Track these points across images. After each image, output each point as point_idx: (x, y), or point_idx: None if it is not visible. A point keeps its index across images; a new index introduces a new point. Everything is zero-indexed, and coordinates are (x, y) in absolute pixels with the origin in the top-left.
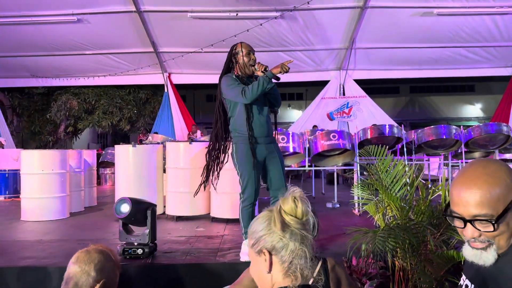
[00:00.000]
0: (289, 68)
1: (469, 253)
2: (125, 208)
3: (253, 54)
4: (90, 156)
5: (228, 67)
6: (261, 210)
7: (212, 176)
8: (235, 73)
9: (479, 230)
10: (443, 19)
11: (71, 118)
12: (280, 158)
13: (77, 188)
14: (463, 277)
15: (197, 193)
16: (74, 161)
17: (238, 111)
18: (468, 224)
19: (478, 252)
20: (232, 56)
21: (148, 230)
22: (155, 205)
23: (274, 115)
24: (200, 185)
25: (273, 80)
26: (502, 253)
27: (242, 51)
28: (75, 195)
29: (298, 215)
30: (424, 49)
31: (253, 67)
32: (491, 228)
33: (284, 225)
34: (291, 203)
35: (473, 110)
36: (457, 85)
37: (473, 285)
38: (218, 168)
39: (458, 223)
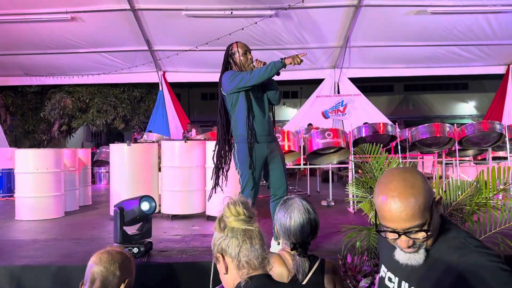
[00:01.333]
0: (301, 61)
1: (402, 257)
2: (146, 206)
3: (250, 53)
4: (84, 155)
5: (226, 68)
6: (258, 209)
7: (222, 177)
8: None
9: (413, 238)
10: (437, 18)
11: (65, 117)
12: (281, 157)
13: (72, 187)
14: (384, 268)
15: (210, 197)
16: (69, 160)
17: (238, 109)
18: (402, 235)
19: (412, 256)
20: (229, 56)
21: (150, 227)
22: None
23: (273, 113)
24: (212, 188)
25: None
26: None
27: (238, 51)
28: (70, 194)
29: (234, 214)
30: (418, 47)
31: (252, 65)
32: (424, 235)
33: (225, 226)
34: (227, 208)
35: (467, 108)
36: (450, 83)
37: (397, 278)
38: (226, 169)
39: (391, 236)
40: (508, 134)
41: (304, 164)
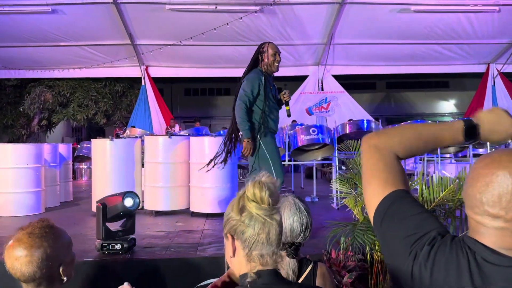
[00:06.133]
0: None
1: None
2: (129, 202)
3: (279, 55)
4: (65, 150)
5: (255, 62)
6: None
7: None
8: (262, 68)
9: None
10: (419, 16)
11: (45, 111)
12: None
13: (53, 182)
14: None
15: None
16: (49, 155)
17: (257, 105)
18: None
19: None
20: (259, 53)
21: (133, 223)
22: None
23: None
24: (211, 161)
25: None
26: None
27: (268, 51)
28: (50, 190)
29: (258, 199)
30: (401, 45)
31: (275, 65)
32: None
33: (243, 210)
34: (251, 188)
35: (447, 106)
36: (431, 81)
37: None
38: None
39: None
40: None
41: (288, 161)
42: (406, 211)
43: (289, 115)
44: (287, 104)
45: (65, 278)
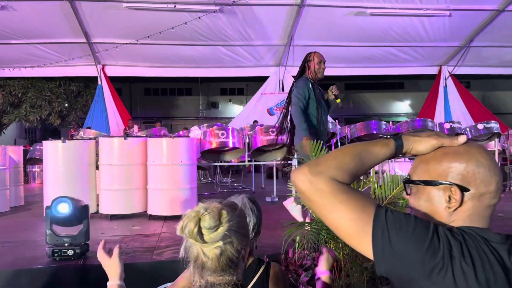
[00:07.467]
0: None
1: None
2: (64, 208)
3: (324, 63)
4: (16, 152)
5: (303, 70)
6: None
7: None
8: (308, 75)
9: None
10: (375, 19)
11: None
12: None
13: (2, 187)
14: None
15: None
16: None
17: (310, 109)
18: None
19: None
20: (306, 62)
21: (86, 228)
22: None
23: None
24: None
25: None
26: None
27: (314, 59)
28: None
29: (187, 234)
30: (358, 48)
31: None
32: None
33: (184, 232)
34: (187, 218)
35: (403, 106)
36: (388, 83)
37: None
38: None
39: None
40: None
41: (249, 161)
42: (403, 218)
43: (342, 107)
44: (337, 97)
45: None
